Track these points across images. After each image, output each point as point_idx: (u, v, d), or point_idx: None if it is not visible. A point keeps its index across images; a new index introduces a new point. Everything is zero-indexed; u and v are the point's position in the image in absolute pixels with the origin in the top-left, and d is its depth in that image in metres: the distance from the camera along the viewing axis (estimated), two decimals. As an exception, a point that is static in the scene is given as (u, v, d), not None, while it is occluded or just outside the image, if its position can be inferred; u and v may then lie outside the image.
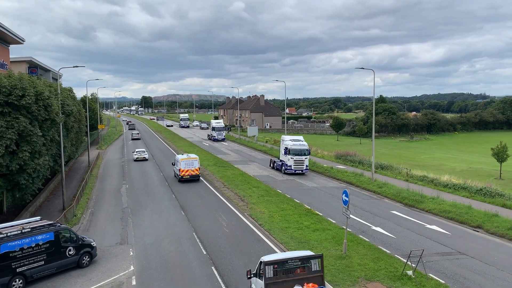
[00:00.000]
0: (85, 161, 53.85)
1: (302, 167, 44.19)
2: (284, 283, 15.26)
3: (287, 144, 44.66)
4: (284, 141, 45.92)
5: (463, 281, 18.39)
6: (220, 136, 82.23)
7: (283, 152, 45.57)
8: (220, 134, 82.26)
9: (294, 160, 43.81)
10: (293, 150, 43.72)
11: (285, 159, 44.84)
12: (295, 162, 43.92)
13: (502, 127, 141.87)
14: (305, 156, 44.16)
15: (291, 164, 44.02)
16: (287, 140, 45.64)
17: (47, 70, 53.86)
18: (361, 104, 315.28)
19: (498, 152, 50.53)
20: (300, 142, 44.85)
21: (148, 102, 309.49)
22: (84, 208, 31.54)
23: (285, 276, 15.46)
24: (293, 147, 43.77)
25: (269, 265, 15.43)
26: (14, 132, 22.96)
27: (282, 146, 45.97)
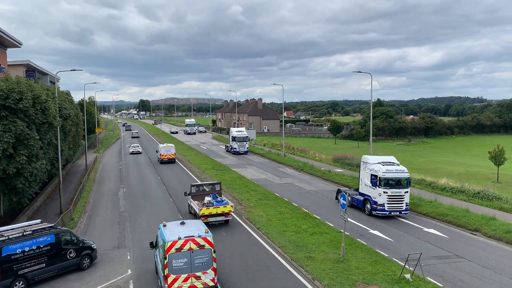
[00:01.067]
0: (82, 165, 53.72)
1: (401, 206, 28.91)
2: (200, 196, 29.14)
3: (376, 169, 29.34)
4: (368, 164, 30.41)
5: (461, 284, 18.39)
6: (242, 149, 66.21)
7: (367, 182, 30.17)
8: (243, 146, 66.27)
9: (389, 196, 28.62)
10: (387, 179, 28.72)
11: (372, 193, 29.52)
12: (390, 199, 28.70)
13: (499, 130, 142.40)
14: (405, 190, 28.84)
15: (383, 202, 28.68)
16: (375, 162, 30.08)
17: (45, 73, 53.81)
18: (359, 108, 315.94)
19: (495, 155, 50.67)
20: (397, 167, 29.66)
21: (146, 106, 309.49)
22: (82, 212, 31.43)
23: (201, 192, 29.81)
24: (387, 174, 28.78)
25: (193, 186, 30.09)
26: (11, 135, 22.91)
27: (366, 171, 30.52)
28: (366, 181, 30.30)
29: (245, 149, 66.27)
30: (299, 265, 20.19)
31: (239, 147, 66.04)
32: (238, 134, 66.94)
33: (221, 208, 26.71)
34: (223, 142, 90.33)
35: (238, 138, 66.15)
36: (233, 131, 68.56)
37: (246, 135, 67.15)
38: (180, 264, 16.28)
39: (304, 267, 19.87)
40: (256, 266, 20.34)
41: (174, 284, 16.12)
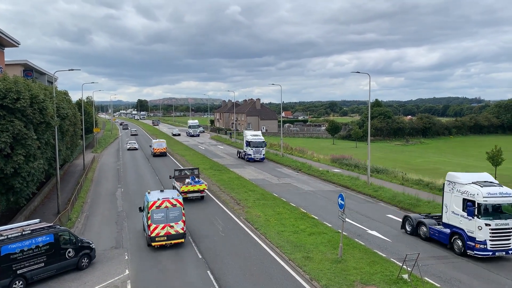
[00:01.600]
0: (80, 165, 53.63)
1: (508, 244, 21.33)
2: (182, 178, 35.81)
3: (472, 192, 21.91)
4: (458, 185, 22.87)
5: (459, 284, 18.41)
6: (258, 155, 57.65)
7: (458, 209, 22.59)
8: (259, 152, 57.65)
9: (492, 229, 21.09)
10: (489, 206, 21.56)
11: (467, 225, 21.76)
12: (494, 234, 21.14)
13: (497, 131, 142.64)
14: None
15: (484, 239, 21.04)
16: (468, 183, 22.65)
17: (42, 73, 53.70)
18: (357, 108, 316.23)
19: (493, 156, 50.74)
20: (501, 189, 22.88)
21: (144, 106, 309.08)
22: (79, 212, 31.37)
23: (182, 175, 36.65)
24: (489, 200, 21.56)
25: (176, 170, 37.27)
26: (8, 135, 22.85)
27: (456, 195, 22.81)
28: (455, 207, 22.86)
29: (261, 155, 57.55)
30: (297, 265, 20.19)
31: (254, 154, 57.25)
32: (254, 139, 57.57)
33: (197, 187, 33.98)
34: (221, 142, 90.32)
35: (254, 143, 57.21)
36: (247, 135, 58.83)
37: (262, 140, 58.13)
38: (159, 217, 22.69)
39: (302, 267, 19.87)
40: (254, 266, 20.34)
41: (155, 231, 22.56)
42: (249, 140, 57.47)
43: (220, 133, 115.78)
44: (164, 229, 22.66)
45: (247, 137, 58.41)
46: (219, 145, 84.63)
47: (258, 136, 58.10)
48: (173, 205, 23.07)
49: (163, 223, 22.67)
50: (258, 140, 57.56)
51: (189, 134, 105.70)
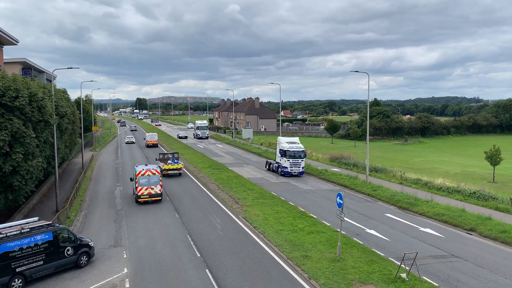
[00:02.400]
0: (78, 163, 53.59)
1: None
2: (165, 160, 47.89)
3: None
4: None
5: (457, 284, 18.46)
6: (297, 169, 45.40)
7: None
8: (297, 164, 45.41)
9: None
10: None
11: None
12: None
13: (495, 130, 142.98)
14: None
15: None
16: None
17: (41, 71, 53.64)
18: (356, 107, 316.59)
19: (491, 155, 50.86)
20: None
21: (142, 104, 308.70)
22: (78, 210, 31.35)
23: (165, 158, 49.40)
24: None
25: (160, 154, 52.15)
26: (7, 133, 22.82)
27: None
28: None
29: (300, 168, 45.14)
30: (296, 264, 20.21)
31: (292, 166, 44.91)
32: (292, 147, 45.16)
33: (175, 166, 45.25)
34: (220, 141, 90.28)
35: (292, 152, 44.79)
36: (282, 142, 46.59)
37: (302, 149, 45.84)
38: (143, 181, 32.37)
39: (300, 266, 19.90)
40: (252, 265, 20.36)
41: (141, 191, 32.32)
42: (285, 149, 45.17)
43: (219, 132, 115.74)
44: (147, 190, 32.42)
45: (281, 144, 46.43)
46: (218, 143, 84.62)
47: (296, 144, 46.20)
48: (153, 174, 32.66)
49: (146, 185, 32.38)
50: (297, 149, 45.38)
51: (197, 137, 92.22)
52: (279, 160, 46.90)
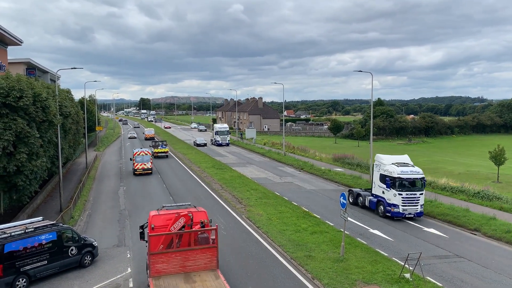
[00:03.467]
0: (82, 163, 53.75)
1: None
2: (156, 146, 62.39)
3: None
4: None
5: (461, 284, 18.39)
6: (413, 207, 28.41)
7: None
8: (414, 199, 28.42)
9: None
10: None
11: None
12: None
13: (499, 130, 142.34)
14: None
15: None
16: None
17: (45, 71, 53.81)
18: (359, 107, 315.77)
19: (495, 155, 50.64)
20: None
21: (146, 104, 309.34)
22: (82, 210, 31.45)
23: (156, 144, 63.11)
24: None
25: (153, 141, 67.36)
26: (11, 133, 22.90)
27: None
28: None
29: (418, 207, 28.47)
30: (299, 264, 20.20)
31: (405, 203, 28.12)
32: (406, 172, 28.30)
33: (163, 150, 60.93)
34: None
35: (406, 180, 28.13)
36: (385, 163, 29.41)
37: (421, 175, 28.79)
38: (139, 159, 45.95)
39: (304, 266, 19.88)
40: (256, 265, 20.36)
41: (136, 166, 45.91)
42: (394, 176, 28.12)
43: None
44: (141, 165, 46.09)
45: (385, 167, 29.06)
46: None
47: (410, 167, 28.84)
48: (145, 154, 46.58)
49: (141, 162, 46.01)
50: (413, 175, 28.31)
51: (216, 143, 78.84)
52: (382, 193, 29.37)
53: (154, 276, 15.89)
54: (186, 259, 16.33)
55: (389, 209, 28.47)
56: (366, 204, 31.04)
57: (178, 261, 16.26)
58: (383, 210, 29.07)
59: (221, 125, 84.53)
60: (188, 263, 16.37)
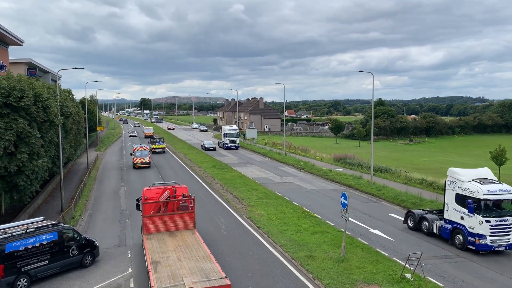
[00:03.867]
0: (83, 163, 53.78)
1: None
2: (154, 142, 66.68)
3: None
4: None
5: (462, 284, 18.37)
6: (505, 238, 21.83)
7: None
8: (506, 228, 21.83)
9: None
10: None
11: None
12: None
13: (500, 130, 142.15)
14: None
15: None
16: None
17: (46, 71, 53.86)
18: (360, 107, 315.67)
19: (496, 155, 50.56)
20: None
21: (147, 104, 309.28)
22: (82, 210, 31.47)
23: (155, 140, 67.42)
24: None
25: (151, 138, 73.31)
26: (12, 133, 22.94)
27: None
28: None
29: (510, 238, 22.01)
30: (300, 264, 20.19)
31: (495, 232, 21.80)
32: (494, 191, 22.08)
33: (160, 146, 65.58)
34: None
35: (494, 202, 22.10)
36: (464, 179, 23.13)
37: None
38: (138, 154, 50.44)
39: (304, 266, 19.87)
40: (256, 265, 20.35)
41: (136, 160, 50.38)
42: (479, 197, 21.95)
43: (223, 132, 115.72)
44: (140, 159, 50.45)
45: (464, 185, 22.94)
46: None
47: (497, 184, 23.14)
48: (144, 149, 51.13)
49: (140, 157, 50.39)
50: (502, 195, 22.29)
51: (225, 146, 72.61)
52: (460, 218, 22.88)
53: (147, 233, 20.94)
54: (170, 221, 21.42)
55: (472, 239, 22.04)
56: (435, 231, 24.52)
57: (164, 222, 21.33)
58: (464, 240, 22.49)
59: (230, 127, 76.66)
60: (172, 224, 21.43)
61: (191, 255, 18.23)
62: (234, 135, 73.07)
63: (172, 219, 21.46)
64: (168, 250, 18.81)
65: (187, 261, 17.38)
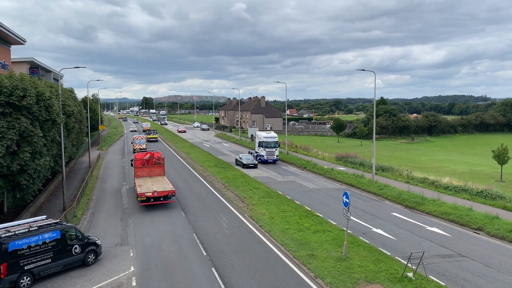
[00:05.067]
0: (85, 162, 53.88)
1: None
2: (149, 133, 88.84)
3: None
4: None
5: (464, 283, 18.36)
6: None
7: None
8: None
9: None
10: None
11: None
12: None
13: (503, 129, 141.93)
14: None
15: None
16: None
17: (48, 70, 53.94)
18: (362, 106, 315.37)
19: (499, 154, 50.53)
20: None
21: (149, 103, 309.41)
22: (85, 209, 31.53)
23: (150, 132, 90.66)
24: None
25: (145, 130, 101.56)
26: (15, 132, 22.97)
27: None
28: None
29: None
30: (302, 263, 20.21)
31: None
32: None
33: (153, 136, 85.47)
34: (226, 140, 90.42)
35: None
36: None
37: None
38: (137, 142, 65.60)
39: (306, 265, 19.89)
40: (258, 263, 20.38)
41: (135, 146, 64.47)
42: None
43: (225, 131, 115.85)
44: (139, 146, 62.83)
45: None
46: (224, 142, 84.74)
47: None
48: (142, 138, 65.42)
49: (138, 144, 63.75)
50: None
51: (260, 159, 55.10)
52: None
53: (137, 177, 36.08)
54: (150, 170, 36.62)
55: None
56: None
57: (147, 171, 36.55)
58: None
59: (268, 134, 56.70)
60: (151, 172, 36.63)
61: (159, 183, 33.60)
62: (272, 144, 55.05)
63: (151, 169, 36.91)
64: (147, 182, 34.28)
65: (156, 184, 33.09)
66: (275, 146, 55.02)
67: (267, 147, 54.52)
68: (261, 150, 55.39)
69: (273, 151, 55.06)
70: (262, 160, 54.69)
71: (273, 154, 55.19)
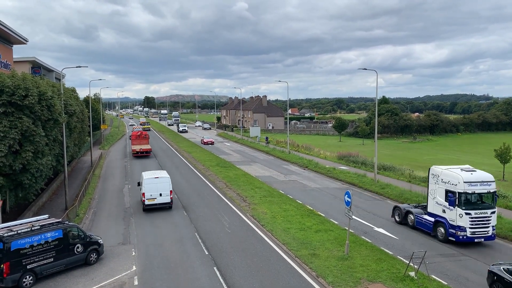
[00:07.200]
0: (87, 161, 53.95)
1: None
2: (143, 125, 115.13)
3: None
4: None
5: (466, 282, 18.33)
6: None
7: None
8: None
9: None
10: None
11: None
12: None
13: (505, 128, 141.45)
14: None
15: None
16: None
17: (50, 70, 54.00)
18: (364, 105, 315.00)
19: (501, 153, 50.41)
20: None
21: (151, 103, 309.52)
22: (87, 208, 31.59)
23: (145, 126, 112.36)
24: None
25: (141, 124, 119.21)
26: (17, 132, 23.03)
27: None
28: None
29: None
30: (303, 262, 20.20)
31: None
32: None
33: (147, 127, 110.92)
34: (227, 139, 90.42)
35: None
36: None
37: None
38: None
39: (308, 264, 19.89)
40: (260, 263, 20.38)
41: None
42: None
43: (226, 130, 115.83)
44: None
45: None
46: (226, 142, 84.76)
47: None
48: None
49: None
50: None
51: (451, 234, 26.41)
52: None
53: (132, 144, 62.97)
54: (140, 141, 62.51)
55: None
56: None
57: (139, 141, 62.52)
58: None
59: None
60: (141, 143, 62.12)
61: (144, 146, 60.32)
62: None
63: (141, 141, 62.24)
64: (137, 146, 60.60)
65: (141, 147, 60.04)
66: None
67: None
68: None
69: None
70: None
71: None
